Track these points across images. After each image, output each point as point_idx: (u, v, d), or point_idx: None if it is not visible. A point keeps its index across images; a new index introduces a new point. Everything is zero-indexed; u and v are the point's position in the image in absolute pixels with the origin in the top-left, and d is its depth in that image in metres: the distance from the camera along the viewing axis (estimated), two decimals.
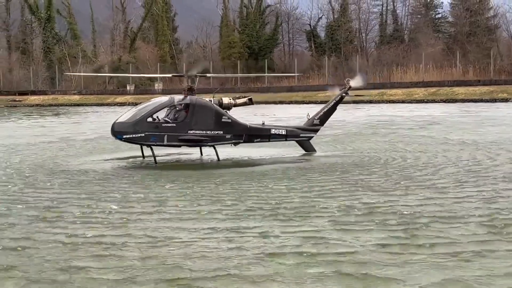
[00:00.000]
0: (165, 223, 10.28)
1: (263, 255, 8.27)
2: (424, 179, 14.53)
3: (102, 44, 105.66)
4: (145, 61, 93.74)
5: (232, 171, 16.92)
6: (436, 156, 18.83)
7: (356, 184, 13.88)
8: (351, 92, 21.62)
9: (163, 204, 11.86)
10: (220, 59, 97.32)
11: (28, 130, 34.49)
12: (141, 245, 8.88)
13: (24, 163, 18.79)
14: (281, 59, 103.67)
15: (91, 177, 15.93)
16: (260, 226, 9.93)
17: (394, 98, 61.69)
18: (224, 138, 18.90)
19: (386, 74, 76.44)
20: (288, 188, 13.63)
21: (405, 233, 9.33)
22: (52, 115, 52.55)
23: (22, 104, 75.35)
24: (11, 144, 25.03)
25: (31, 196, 12.94)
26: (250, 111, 31.01)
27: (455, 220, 10.13)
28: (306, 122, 21.03)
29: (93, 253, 8.50)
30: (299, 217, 10.54)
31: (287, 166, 17.87)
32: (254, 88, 73.76)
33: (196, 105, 18.53)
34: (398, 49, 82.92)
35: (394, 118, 37.44)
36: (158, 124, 18.21)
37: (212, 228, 9.83)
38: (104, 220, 10.55)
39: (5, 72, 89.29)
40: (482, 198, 11.97)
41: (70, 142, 25.99)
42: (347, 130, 29.68)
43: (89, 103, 73.68)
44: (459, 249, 8.45)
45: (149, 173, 16.65)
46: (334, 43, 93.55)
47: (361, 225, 9.87)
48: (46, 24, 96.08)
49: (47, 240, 9.20)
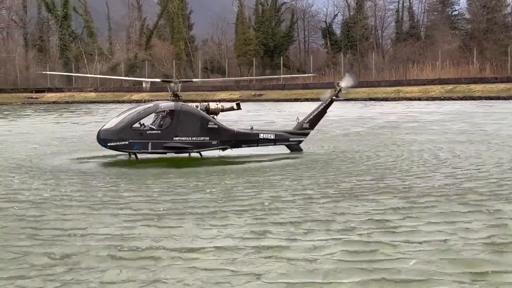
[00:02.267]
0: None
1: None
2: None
3: (118, 41, 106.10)
4: (161, 58, 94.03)
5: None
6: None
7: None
8: (342, 95, 21.21)
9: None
10: (235, 57, 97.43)
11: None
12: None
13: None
14: (296, 56, 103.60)
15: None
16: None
17: (410, 95, 61.38)
18: (210, 144, 18.70)
19: (402, 71, 76.07)
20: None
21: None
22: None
23: (38, 102, 75.82)
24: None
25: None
26: (265, 108, 30.89)
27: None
28: (296, 126, 20.66)
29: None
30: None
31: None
32: (269, 86, 73.69)
33: (181, 111, 18.29)
34: (414, 46, 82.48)
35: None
36: (143, 131, 17.98)
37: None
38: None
39: (22, 69, 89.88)
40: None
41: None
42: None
43: (105, 100, 73.98)
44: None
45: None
46: (350, 40, 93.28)
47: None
48: (63, 22, 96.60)
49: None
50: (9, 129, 33.74)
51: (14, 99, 77.12)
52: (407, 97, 61.04)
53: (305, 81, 76.95)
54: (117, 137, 17.73)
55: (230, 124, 20.86)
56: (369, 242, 8.77)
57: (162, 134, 18.07)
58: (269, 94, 69.98)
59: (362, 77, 78.04)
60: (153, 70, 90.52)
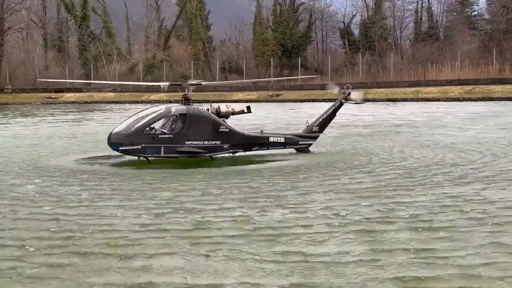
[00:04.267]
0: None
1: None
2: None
3: (137, 42, 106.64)
4: (179, 59, 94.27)
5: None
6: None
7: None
8: (356, 97, 21.01)
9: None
10: (253, 57, 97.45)
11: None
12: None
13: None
14: (314, 56, 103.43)
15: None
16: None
17: (429, 96, 61.00)
18: (222, 148, 18.61)
19: (420, 71, 75.65)
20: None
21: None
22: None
23: (57, 101, 76.31)
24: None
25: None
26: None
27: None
28: (305, 129, 20.66)
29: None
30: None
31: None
32: (287, 86, 73.58)
33: (193, 115, 18.16)
34: (433, 47, 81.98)
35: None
36: (155, 136, 17.81)
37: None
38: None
39: (41, 70, 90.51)
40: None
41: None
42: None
43: (123, 100, 74.29)
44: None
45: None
46: (368, 40, 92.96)
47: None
48: (82, 22, 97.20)
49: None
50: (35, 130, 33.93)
51: (34, 99, 77.69)
52: (426, 97, 60.68)
53: (322, 81, 76.69)
54: (129, 141, 17.56)
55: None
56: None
57: (174, 138, 17.95)
58: (286, 94, 69.88)
59: (380, 77, 77.79)
60: (171, 70, 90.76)
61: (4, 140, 26.34)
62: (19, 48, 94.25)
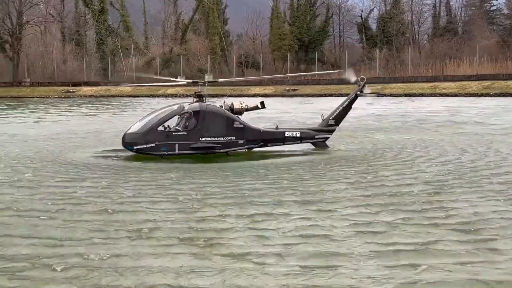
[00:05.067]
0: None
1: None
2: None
3: (154, 36, 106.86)
4: (196, 53, 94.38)
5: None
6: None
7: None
8: (366, 91, 20.67)
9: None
10: (270, 51, 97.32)
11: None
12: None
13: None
14: (331, 51, 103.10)
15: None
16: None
17: (446, 91, 60.56)
18: (237, 144, 18.57)
19: (438, 67, 75.14)
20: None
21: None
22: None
23: (75, 95, 76.69)
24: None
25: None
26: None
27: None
28: (321, 123, 20.46)
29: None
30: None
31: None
32: (304, 81, 73.43)
33: (206, 112, 18.20)
34: (451, 42, 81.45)
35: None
36: (169, 133, 17.90)
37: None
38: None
39: (59, 63, 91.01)
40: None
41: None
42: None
43: (141, 94, 74.49)
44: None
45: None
46: (386, 35, 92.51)
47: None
48: (99, 16, 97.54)
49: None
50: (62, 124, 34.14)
51: (52, 92, 78.14)
52: (443, 93, 60.24)
53: (340, 76, 76.38)
54: (143, 140, 17.65)
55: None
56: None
57: (188, 135, 17.98)
58: (303, 89, 69.71)
59: (398, 72, 77.36)
60: (188, 64, 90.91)
61: (23, 133, 26.52)
62: (37, 41, 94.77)
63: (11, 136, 24.95)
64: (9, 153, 19.35)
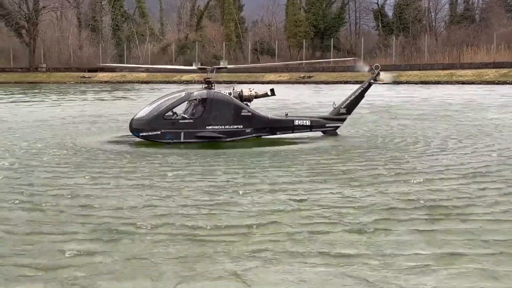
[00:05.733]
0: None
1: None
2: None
3: (169, 22, 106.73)
4: (211, 39, 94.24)
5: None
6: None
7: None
8: (380, 79, 20.31)
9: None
10: (285, 38, 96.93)
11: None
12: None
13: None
14: (347, 38, 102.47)
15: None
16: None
17: (463, 79, 60.13)
18: (244, 132, 18.37)
19: (455, 54, 74.48)
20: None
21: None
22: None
23: (91, 81, 76.97)
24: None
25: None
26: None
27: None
28: (332, 111, 20.22)
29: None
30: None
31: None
32: (319, 68, 73.14)
33: (214, 99, 18.03)
34: (468, 29, 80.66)
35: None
36: (175, 121, 17.74)
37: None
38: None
39: (75, 49, 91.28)
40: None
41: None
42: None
43: (156, 80, 74.58)
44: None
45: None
46: (402, 22, 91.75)
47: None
48: (115, 2, 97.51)
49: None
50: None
51: (68, 78, 78.49)
52: (460, 80, 59.82)
53: (355, 63, 75.99)
54: (149, 127, 17.56)
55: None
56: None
57: (195, 123, 17.84)
58: (318, 76, 69.48)
59: (414, 60, 76.81)
60: (203, 51, 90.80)
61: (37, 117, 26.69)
62: (53, 27, 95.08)
63: (28, 121, 25.13)
64: (24, 138, 19.53)
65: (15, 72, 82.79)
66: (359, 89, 20.29)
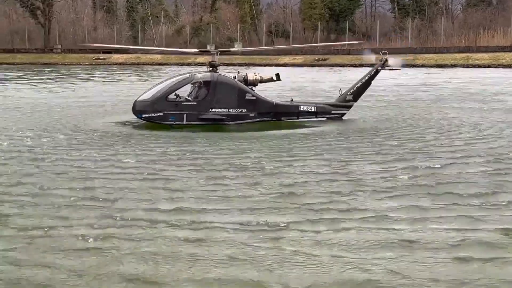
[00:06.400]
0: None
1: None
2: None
3: (184, 4, 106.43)
4: (226, 21, 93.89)
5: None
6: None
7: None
8: (388, 65, 20.13)
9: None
10: (300, 20, 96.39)
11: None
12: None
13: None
14: (362, 21, 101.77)
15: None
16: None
17: (479, 62, 59.61)
18: (248, 116, 18.29)
19: (472, 37, 73.79)
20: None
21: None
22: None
23: (105, 62, 77.06)
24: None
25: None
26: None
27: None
28: (338, 98, 20.06)
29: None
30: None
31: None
32: (334, 50, 72.74)
33: (217, 82, 17.98)
34: (485, 12, 79.80)
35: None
36: (178, 103, 17.74)
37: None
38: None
39: (90, 31, 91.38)
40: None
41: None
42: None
43: (170, 62, 74.52)
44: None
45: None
46: (418, 4, 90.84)
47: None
48: None
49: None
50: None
51: (83, 59, 78.62)
52: (476, 64, 59.31)
53: (371, 46, 75.54)
54: (152, 109, 17.55)
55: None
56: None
57: (198, 106, 17.81)
58: (333, 59, 69.08)
59: (430, 43, 76.20)
60: (217, 33, 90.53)
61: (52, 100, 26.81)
62: (68, 8, 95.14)
63: (41, 103, 25.27)
64: (40, 120, 19.66)
65: (30, 53, 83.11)
66: (366, 76, 20.04)
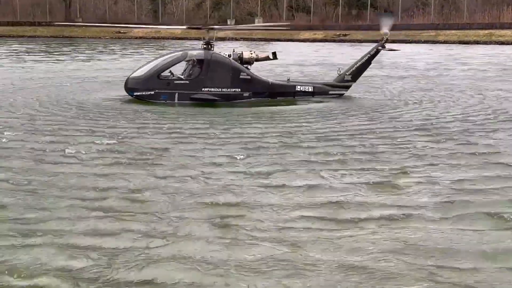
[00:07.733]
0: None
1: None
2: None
3: None
4: None
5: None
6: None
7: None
8: (387, 46, 19.90)
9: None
10: None
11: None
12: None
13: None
14: None
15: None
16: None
17: (503, 39, 58.81)
18: (242, 96, 17.97)
19: (495, 14, 72.70)
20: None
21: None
22: None
23: (126, 36, 77.05)
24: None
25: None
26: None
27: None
28: (337, 78, 19.72)
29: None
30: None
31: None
32: (355, 26, 72.18)
33: (211, 61, 17.58)
34: None
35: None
36: (170, 81, 17.39)
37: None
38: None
39: (110, 4, 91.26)
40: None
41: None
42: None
43: (190, 37, 74.33)
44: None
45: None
46: None
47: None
48: None
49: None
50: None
51: (103, 33, 78.57)
52: (499, 41, 58.54)
53: (394, 23, 74.61)
54: (143, 87, 17.27)
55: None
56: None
57: (190, 85, 17.45)
58: (354, 34, 68.49)
59: (452, 19, 75.24)
60: (237, 7, 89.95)
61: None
62: None
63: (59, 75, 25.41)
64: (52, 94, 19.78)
65: (51, 26, 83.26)
66: (365, 56, 19.70)
